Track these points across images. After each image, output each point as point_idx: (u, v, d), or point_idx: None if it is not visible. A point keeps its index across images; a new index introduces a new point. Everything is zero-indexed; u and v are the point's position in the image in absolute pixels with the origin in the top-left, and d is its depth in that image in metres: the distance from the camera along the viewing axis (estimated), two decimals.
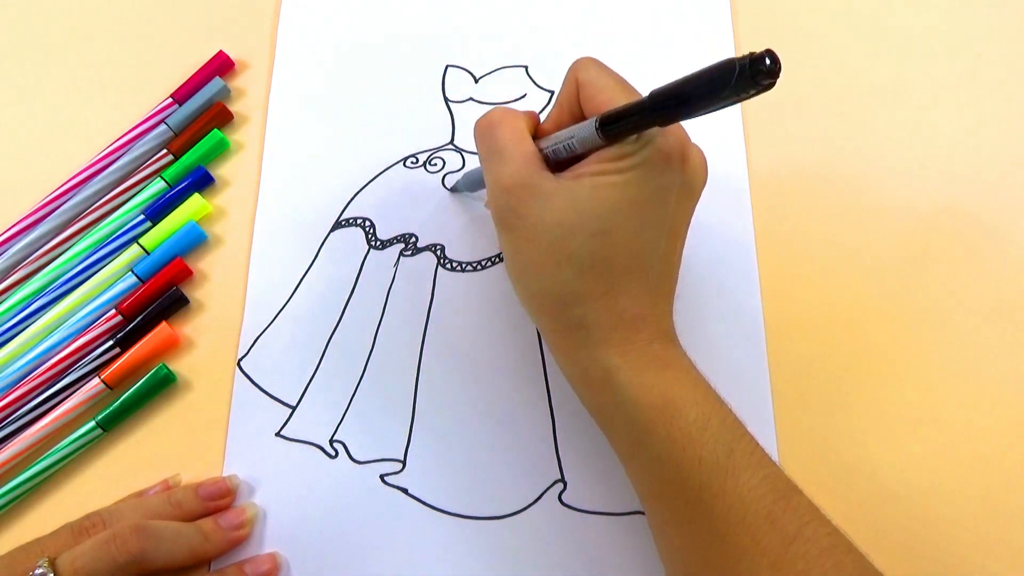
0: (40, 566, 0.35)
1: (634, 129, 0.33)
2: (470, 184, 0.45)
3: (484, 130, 0.37)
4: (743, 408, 0.35)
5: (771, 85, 0.27)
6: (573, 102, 0.37)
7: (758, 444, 0.34)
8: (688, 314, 0.42)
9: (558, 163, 0.36)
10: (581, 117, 0.36)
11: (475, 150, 0.48)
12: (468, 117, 0.49)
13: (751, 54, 0.27)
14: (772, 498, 0.32)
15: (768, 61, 0.27)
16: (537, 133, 0.38)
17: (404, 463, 0.42)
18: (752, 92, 0.28)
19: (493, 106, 0.48)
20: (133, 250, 0.46)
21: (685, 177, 0.35)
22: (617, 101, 0.34)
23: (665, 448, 0.33)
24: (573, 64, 0.37)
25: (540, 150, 0.36)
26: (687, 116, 0.31)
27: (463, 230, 0.46)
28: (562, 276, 0.35)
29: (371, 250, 0.46)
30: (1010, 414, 0.42)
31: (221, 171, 0.49)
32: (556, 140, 0.36)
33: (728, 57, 0.28)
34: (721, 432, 0.33)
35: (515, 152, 0.36)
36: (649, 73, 0.40)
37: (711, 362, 0.41)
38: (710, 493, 0.32)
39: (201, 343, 0.45)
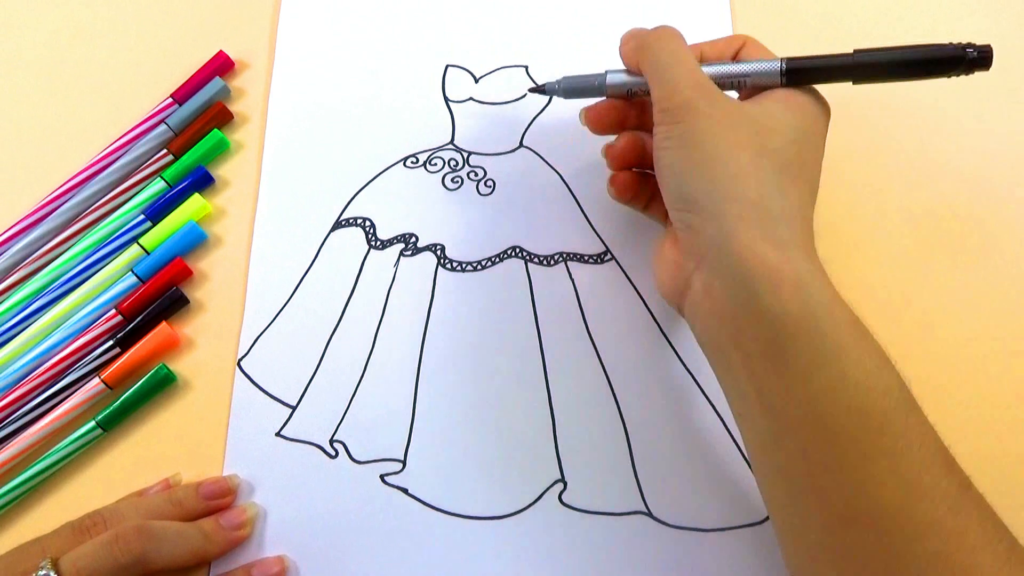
0: (43, 567, 0.35)
1: (826, 80, 0.37)
2: (570, 90, 0.42)
3: (658, 39, 0.38)
4: None
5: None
6: (732, 50, 0.39)
7: None
8: None
9: None
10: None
11: (476, 149, 0.48)
12: (468, 117, 0.49)
13: (972, 45, 0.35)
14: (942, 446, 0.31)
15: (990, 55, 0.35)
16: None
17: (404, 463, 0.42)
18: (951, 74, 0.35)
19: (493, 106, 0.49)
20: (133, 250, 0.46)
21: (826, 121, 0.38)
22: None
23: (855, 371, 0.31)
24: (739, 35, 0.40)
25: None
26: (884, 80, 0.37)
27: (463, 230, 0.46)
28: (766, 165, 0.34)
29: (371, 250, 0.46)
30: (1012, 413, 0.42)
31: (221, 171, 0.49)
32: (722, 70, 0.38)
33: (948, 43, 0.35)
34: (895, 367, 0.32)
35: (693, 64, 0.37)
36: None
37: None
38: (895, 429, 0.30)
39: (201, 343, 0.45)
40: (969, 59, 0.35)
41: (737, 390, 0.34)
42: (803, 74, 0.37)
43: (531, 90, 0.44)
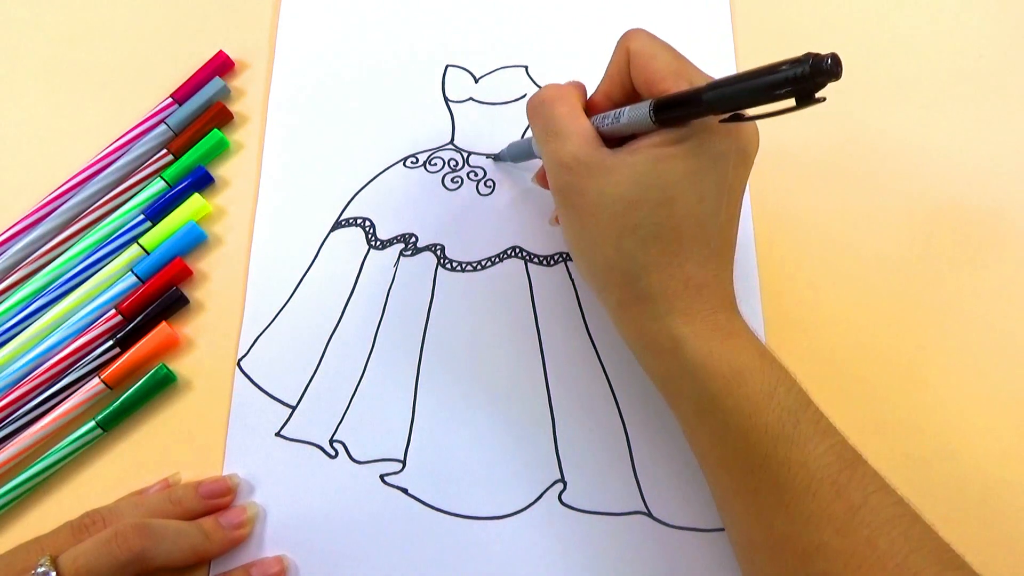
0: (42, 564, 0.35)
1: (689, 119, 0.34)
2: (515, 154, 0.45)
3: (539, 108, 0.37)
4: None
5: (822, 89, 0.29)
6: (624, 73, 0.37)
7: (823, 413, 0.34)
8: None
9: (609, 137, 0.37)
10: (631, 88, 0.37)
11: (477, 149, 0.48)
12: (468, 117, 0.49)
13: (813, 54, 0.28)
14: (838, 467, 0.32)
15: (829, 62, 0.28)
16: (586, 106, 0.38)
17: (404, 463, 0.42)
18: (809, 93, 0.29)
19: (493, 106, 0.49)
20: (133, 250, 0.46)
21: (740, 143, 0.36)
22: (671, 71, 0.35)
23: (732, 416, 0.33)
24: (623, 35, 0.37)
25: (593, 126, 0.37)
26: (744, 108, 0.32)
27: (463, 230, 0.46)
28: (627, 248, 0.35)
29: (371, 250, 0.46)
30: (1013, 413, 0.42)
31: (221, 171, 0.49)
32: (608, 118, 0.36)
33: (794, 57, 0.29)
34: (787, 400, 0.33)
35: (573, 129, 0.36)
36: None
37: None
38: (775, 461, 0.32)
39: (201, 343, 0.45)
40: (801, 75, 0.28)
41: None
42: (670, 112, 0.34)
43: (493, 158, 0.47)
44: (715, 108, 0.32)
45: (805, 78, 0.28)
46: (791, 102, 0.30)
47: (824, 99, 0.29)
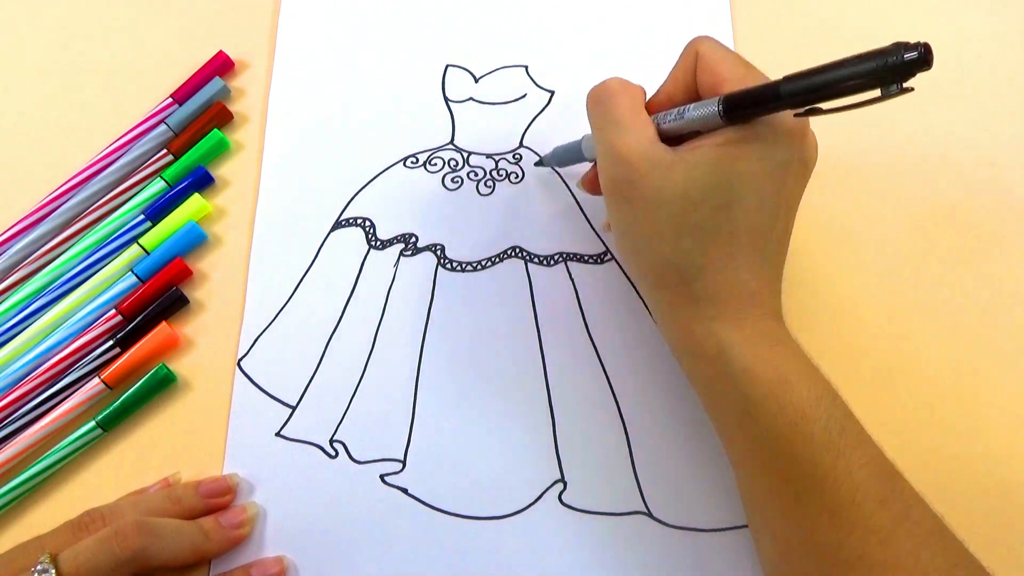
0: (42, 562, 0.35)
1: (761, 114, 0.33)
2: (560, 158, 0.45)
3: (601, 98, 0.37)
4: None
5: (911, 78, 0.28)
6: (689, 75, 0.36)
7: (862, 426, 0.34)
8: None
9: (668, 136, 0.36)
10: (695, 91, 0.36)
11: (476, 149, 0.48)
12: (468, 117, 0.49)
13: (903, 44, 0.28)
14: (880, 479, 0.32)
15: (922, 51, 0.27)
16: (647, 107, 0.38)
17: (404, 463, 0.42)
18: (896, 84, 0.28)
19: (493, 106, 0.49)
20: (133, 250, 0.46)
21: (804, 155, 0.35)
22: (737, 74, 0.34)
23: (777, 423, 0.33)
24: (691, 40, 0.37)
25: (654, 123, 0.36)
26: (823, 101, 0.31)
27: (463, 230, 0.46)
28: (683, 248, 0.34)
29: (371, 250, 0.46)
30: (1013, 413, 0.42)
31: (221, 171, 0.49)
32: (670, 115, 0.36)
33: (878, 47, 0.28)
34: (833, 410, 0.33)
35: (634, 122, 0.35)
36: (649, 74, 0.40)
37: None
38: (821, 470, 0.32)
39: (201, 343, 0.45)
40: (893, 64, 0.28)
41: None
42: (740, 110, 0.33)
43: (536, 164, 0.47)
44: (793, 101, 0.31)
45: (897, 68, 0.28)
46: (874, 93, 0.29)
47: (912, 89, 0.28)
